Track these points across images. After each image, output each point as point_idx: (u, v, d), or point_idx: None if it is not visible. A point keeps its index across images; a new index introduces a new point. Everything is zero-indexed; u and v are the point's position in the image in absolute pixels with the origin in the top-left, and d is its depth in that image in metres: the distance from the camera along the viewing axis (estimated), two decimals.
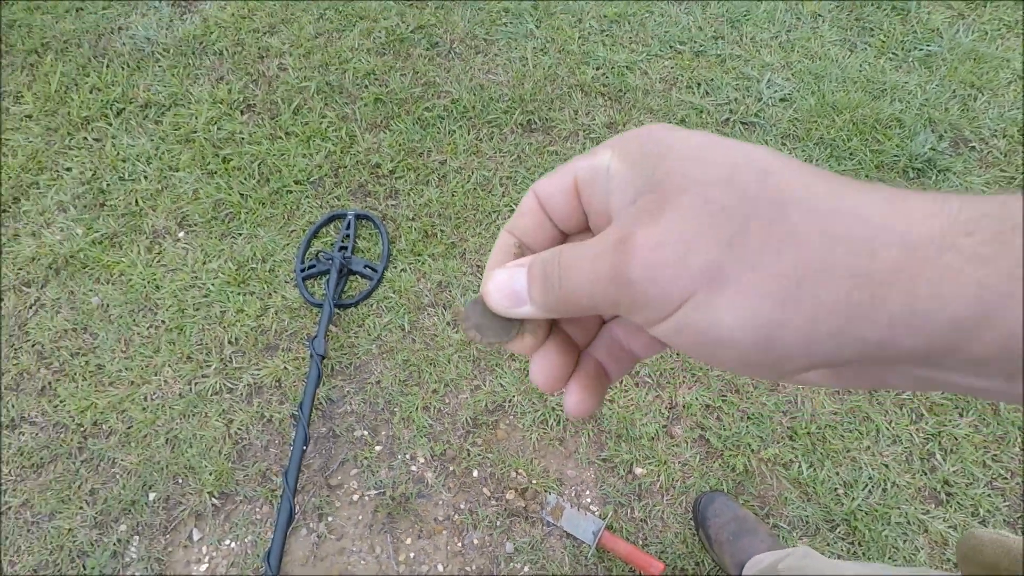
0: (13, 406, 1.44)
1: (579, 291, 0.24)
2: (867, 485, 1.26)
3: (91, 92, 1.92)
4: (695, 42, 1.92)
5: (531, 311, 0.27)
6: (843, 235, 0.19)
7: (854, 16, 1.99)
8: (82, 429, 1.40)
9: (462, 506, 1.28)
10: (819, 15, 2.00)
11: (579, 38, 1.91)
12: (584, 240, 0.25)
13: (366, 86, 1.86)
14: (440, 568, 1.23)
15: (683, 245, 0.21)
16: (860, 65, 1.89)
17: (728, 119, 1.78)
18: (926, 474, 1.27)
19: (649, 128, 0.25)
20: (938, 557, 1.19)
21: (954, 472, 1.26)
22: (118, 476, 1.35)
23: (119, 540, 1.29)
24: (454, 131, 1.77)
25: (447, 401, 1.39)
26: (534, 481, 1.29)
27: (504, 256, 0.29)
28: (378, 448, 1.35)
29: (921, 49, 1.92)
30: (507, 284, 0.27)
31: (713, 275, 0.21)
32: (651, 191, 0.23)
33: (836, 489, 1.26)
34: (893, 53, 1.92)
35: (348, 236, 1.60)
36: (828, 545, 1.21)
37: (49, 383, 1.47)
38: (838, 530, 1.22)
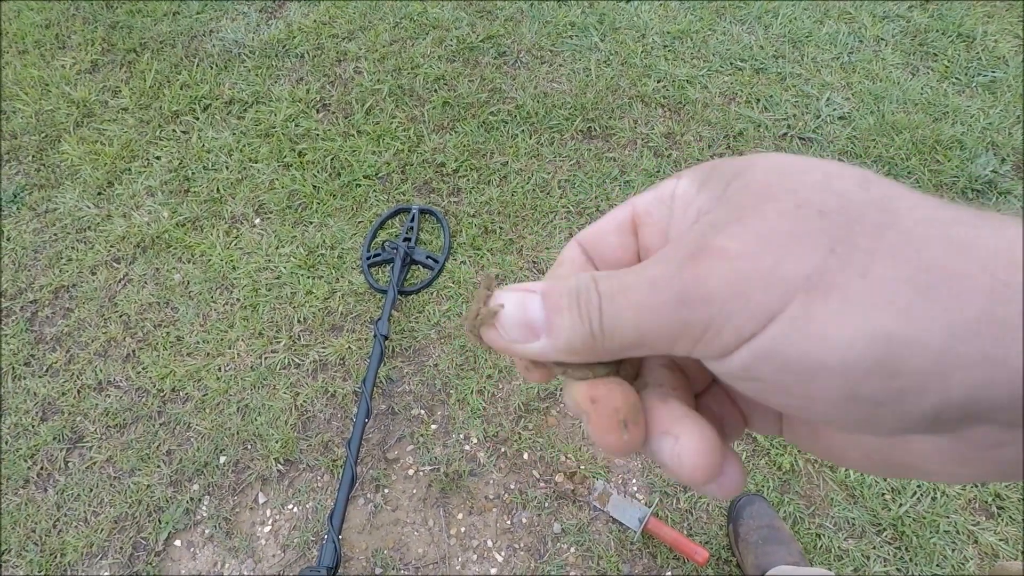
0: (100, 370, 1.55)
1: (627, 323, 0.19)
2: (915, 492, 1.26)
3: (181, 89, 2.06)
4: (756, 60, 1.96)
5: (544, 348, 0.21)
6: (973, 242, 0.16)
7: (918, 41, 2.01)
8: (162, 394, 1.51)
9: (512, 486, 1.33)
10: (882, 39, 2.02)
11: (642, 52, 1.98)
12: None
13: (435, 90, 1.96)
14: (489, 543, 1.28)
15: (776, 251, 0.17)
16: (922, 88, 1.90)
17: (786, 134, 1.82)
18: (977, 487, 1.26)
19: (722, 159, 0.22)
20: (988, 568, 1.18)
21: (1006, 487, 1.25)
22: (192, 439, 1.45)
23: (192, 498, 1.38)
24: (516, 135, 1.85)
25: (500, 387, 1.45)
26: (582, 467, 1.33)
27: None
28: (434, 427, 1.42)
29: (985, 75, 1.92)
30: (516, 311, 0.22)
31: (813, 283, 0.17)
32: (724, 204, 0.19)
33: (883, 494, 1.26)
34: (956, 78, 1.93)
35: (412, 228, 1.69)
36: (875, 549, 1.22)
37: (133, 351, 1.58)
38: (885, 534, 1.23)
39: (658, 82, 1.92)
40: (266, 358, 1.53)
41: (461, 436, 1.40)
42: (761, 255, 0.17)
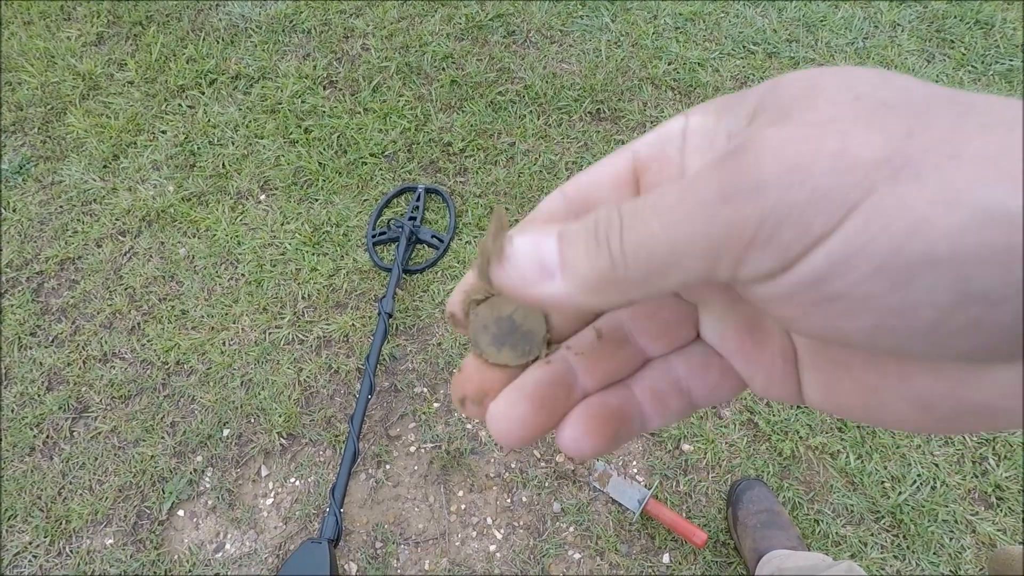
0: (106, 342, 1.56)
1: (657, 236, 0.16)
2: (915, 481, 1.26)
3: (187, 63, 2.05)
4: (769, 44, 1.94)
5: (560, 288, 0.18)
6: None
7: (935, 28, 1.98)
8: (166, 367, 1.52)
9: (513, 465, 1.34)
10: (898, 24, 1.99)
11: (653, 33, 1.95)
12: None
13: (443, 68, 1.94)
14: (489, 521, 1.29)
15: (840, 135, 0.14)
16: (937, 75, 1.87)
17: None
18: (977, 477, 1.26)
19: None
20: (985, 558, 1.19)
21: (1007, 477, 1.26)
22: (196, 412, 1.46)
23: (195, 470, 1.40)
24: (524, 115, 1.83)
25: None
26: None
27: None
28: (436, 405, 1.42)
29: (1003, 63, 1.89)
30: (530, 251, 0.18)
31: (897, 165, 0.14)
32: (761, 115, 0.16)
33: (883, 482, 1.27)
34: (972, 66, 1.90)
35: (417, 208, 1.68)
36: (872, 536, 1.22)
37: (138, 323, 1.59)
38: (883, 521, 1.23)
39: (669, 64, 1.90)
40: (270, 333, 1.54)
41: (463, 415, 1.41)
42: (823, 137, 0.14)
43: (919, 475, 1.27)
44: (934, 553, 1.20)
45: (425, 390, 1.45)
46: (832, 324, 0.15)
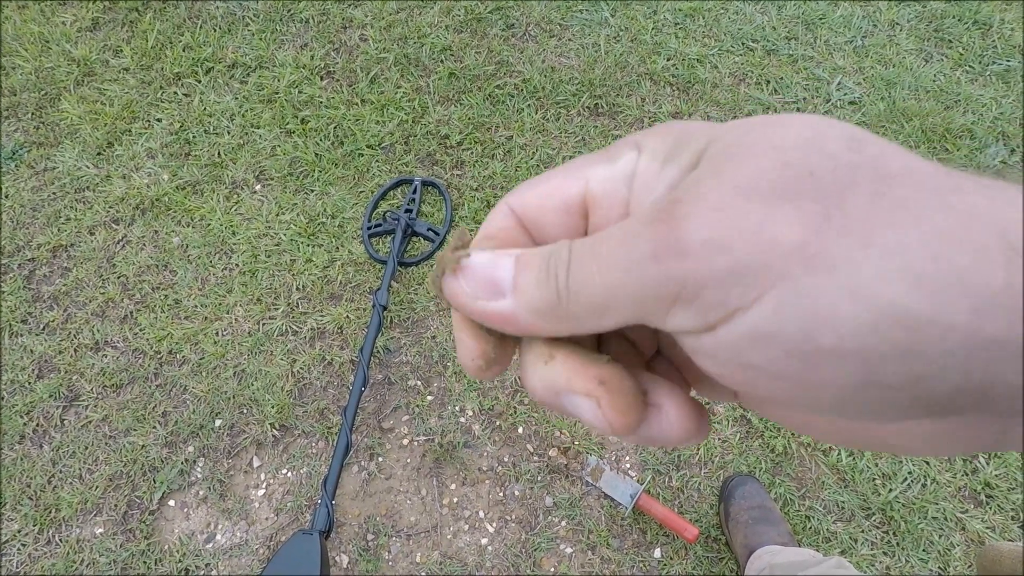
0: (98, 330, 1.55)
1: (595, 280, 0.17)
2: (906, 479, 1.27)
3: (184, 50, 2.03)
4: (768, 41, 1.94)
5: (508, 307, 0.19)
6: (980, 211, 0.14)
7: (933, 27, 1.98)
8: (158, 356, 1.51)
9: (506, 459, 1.34)
10: (897, 23, 1.99)
11: (652, 29, 1.95)
12: None
13: (441, 61, 1.93)
14: (481, 514, 1.29)
15: (762, 209, 0.15)
16: (935, 75, 1.88)
17: None
18: (967, 475, 1.27)
19: (682, 122, 0.19)
20: (973, 555, 1.19)
21: (996, 476, 1.26)
22: (188, 402, 1.45)
23: (186, 460, 1.39)
24: (522, 109, 1.83)
25: None
26: (576, 442, 1.34)
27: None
28: (430, 398, 1.42)
29: (1000, 64, 1.90)
30: (487, 267, 0.19)
31: (812, 252, 0.14)
32: (699, 168, 0.17)
33: (874, 479, 1.27)
34: (970, 66, 1.90)
35: (414, 200, 1.67)
36: (863, 532, 1.23)
37: (131, 312, 1.58)
38: (874, 518, 1.24)
39: (668, 60, 1.89)
40: (264, 324, 1.53)
41: (456, 408, 1.40)
42: (746, 210, 0.15)
43: (910, 472, 1.28)
44: (924, 550, 1.21)
45: (419, 383, 1.44)
46: (751, 384, 0.17)
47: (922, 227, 0.14)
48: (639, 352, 0.23)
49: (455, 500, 1.31)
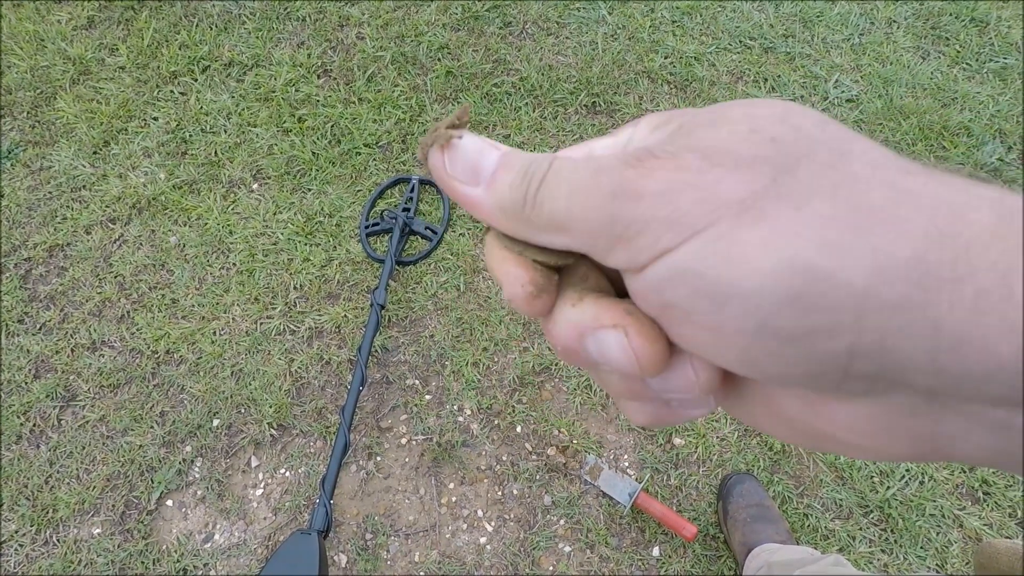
0: (94, 330, 1.55)
1: (560, 200, 0.19)
2: (904, 476, 1.27)
3: (180, 49, 2.03)
4: (765, 39, 1.93)
5: (479, 196, 0.21)
6: (918, 191, 0.15)
7: (930, 24, 1.98)
8: (156, 356, 1.51)
9: (504, 458, 1.34)
10: (894, 21, 1.99)
11: (650, 27, 1.95)
12: None
13: (439, 59, 1.92)
14: (480, 513, 1.29)
15: (717, 170, 0.17)
16: (932, 73, 1.88)
17: None
18: (965, 472, 1.27)
19: (680, 109, 0.21)
20: (971, 552, 1.20)
21: (994, 473, 1.27)
22: (186, 401, 1.45)
23: (184, 460, 1.39)
24: (520, 108, 1.82)
25: (496, 359, 1.45)
26: (575, 441, 1.34)
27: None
28: (428, 397, 1.42)
29: (997, 61, 1.90)
30: (472, 151, 0.21)
31: (746, 207, 0.16)
32: (676, 130, 0.19)
33: (872, 477, 1.28)
34: (967, 63, 1.90)
35: (411, 199, 1.67)
36: (861, 530, 1.23)
37: (128, 312, 1.58)
38: (871, 516, 1.24)
39: (665, 58, 1.89)
40: (261, 323, 1.53)
41: (455, 407, 1.40)
42: (703, 169, 0.17)
43: (907, 470, 1.28)
44: (921, 547, 1.21)
45: (417, 382, 1.44)
46: (674, 331, 0.18)
47: (857, 200, 0.15)
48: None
49: (454, 499, 1.31)
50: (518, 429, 1.37)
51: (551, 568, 1.25)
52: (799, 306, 0.15)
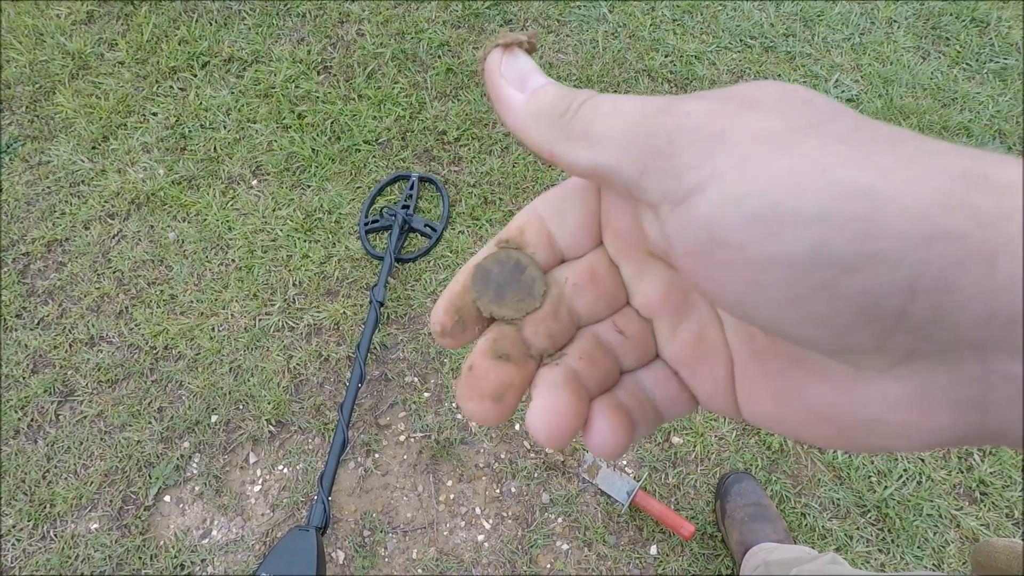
0: (93, 325, 1.55)
1: (602, 115, 0.20)
2: (901, 476, 1.27)
3: (180, 44, 2.02)
4: (766, 38, 1.93)
5: (520, 100, 0.22)
6: (945, 148, 0.15)
7: (931, 25, 1.98)
8: (154, 352, 1.50)
9: (502, 456, 1.34)
10: (895, 20, 1.99)
11: (650, 25, 1.94)
12: None
13: (439, 56, 1.92)
14: (478, 511, 1.29)
15: (754, 114, 0.17)
16: (932, 73, 1.88)
17: None
18: (963, 472, 1.28)
19: None
20: (968, 552, 1.20)
21: (991, 473, 1.27)
22: (184, 397, 1.45)
23: (182, 456, 1.39)
24: None
25: None
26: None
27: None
28: (426, 394, 1.42)
29: (997, 61, 1.90)
30: (526, 67, 0.23)
31: (788, 140, 0.16)
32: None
33: (870, 476, 1.28)
34: (967, 64, 1.90)
35: (411, 196, 1.67)
36: (858, 529, 1.23)
37: (126, 307, 1.57)
38: (869, 515, 1.24)
39: (665, 57, 1.89)
40: (260, 320, 1.53)
41: (454, 404, 1.40)
42: (741, 111, 0.17)
43: (905, 470, 1.28)
44: (918, 547, 1.21)
45: (416, 379, 1.44)
46: (714, 276, 0.17)
47: (896, 143, 0.16)
48: (609, 358, 0.24)
49: (452, 496, 1.31)
50: (516, 427, 1.37)
51: (549, 566, 1.25)
52: (863, 229, 0.14)
